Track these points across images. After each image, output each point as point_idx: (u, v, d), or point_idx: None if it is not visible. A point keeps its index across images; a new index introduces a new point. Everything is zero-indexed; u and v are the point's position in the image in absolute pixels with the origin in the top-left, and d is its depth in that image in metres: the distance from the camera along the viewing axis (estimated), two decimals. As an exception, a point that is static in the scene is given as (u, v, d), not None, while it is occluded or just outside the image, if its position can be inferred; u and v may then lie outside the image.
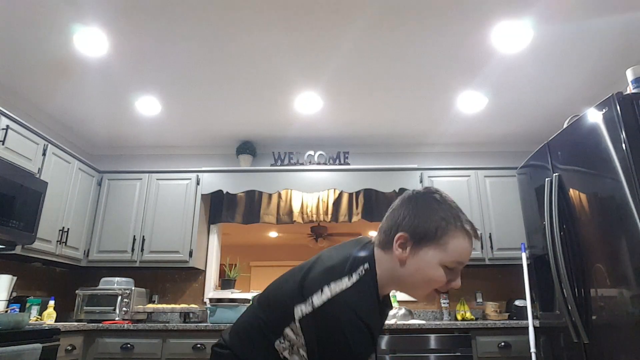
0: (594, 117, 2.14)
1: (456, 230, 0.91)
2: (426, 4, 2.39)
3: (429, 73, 3.06)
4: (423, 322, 3.17)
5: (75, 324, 3.04)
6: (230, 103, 3.47)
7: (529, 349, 2.84)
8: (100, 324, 3.13)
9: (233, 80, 3.12)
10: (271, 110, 3.61)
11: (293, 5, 2.39)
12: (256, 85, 3.21)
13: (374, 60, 2.90)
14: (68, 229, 3.40)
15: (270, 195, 4.14)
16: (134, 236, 3.71)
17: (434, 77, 3.12)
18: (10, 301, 2.93)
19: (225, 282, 3.64)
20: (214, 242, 4.13)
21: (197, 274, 4.00)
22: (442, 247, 0.90)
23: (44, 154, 3.11)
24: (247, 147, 4.14)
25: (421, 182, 3.80)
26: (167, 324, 3.17)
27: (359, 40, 2.69)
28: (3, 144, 2.70)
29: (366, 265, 0.92)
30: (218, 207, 4.18)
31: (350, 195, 4.12)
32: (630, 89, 2.17)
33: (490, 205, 3.72)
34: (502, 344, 3.00)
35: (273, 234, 8.51)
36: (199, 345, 3.04)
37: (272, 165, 4.05)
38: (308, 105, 3.49)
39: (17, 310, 2.94)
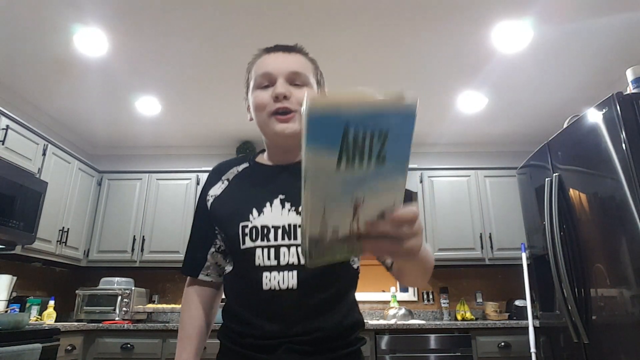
0: (594, 117, 2.14)
1: (255, 59, 0.98)
2: (427, 4, 2.39)
3: (429, 73, 3.06)
4: (423, 322, 3.17)
5: (75, 324, 3.04)
6: (230, 103, 3.47)
7: (529, 349, 2.84)
8: (100, 324, 3.13)
9: (233, 80, 3.11)
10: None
11: (293, 6, 2.39)
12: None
13: (375, 59, 2.90)
14: (68, 229, 3.40)
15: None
16: (134, 236, 3.71)
17: (434, 77, 3.12)
18: (10, 301, 2.93)
19: (225, 282, 3.64)
20: (214, 242, 4.13)
21: (197, 274, 3.99)
22: (251, 79, 0.97)
23: (44, 154, 3.11)
24: (247, 147, 4.14)
25: (421, 182, 3.80)
26: (167, 324, 3.17)
27: (356, 40, 2.69)
28: (3, 144, 2.70)
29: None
30: (218, 207, 4.17)
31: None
32: (630, 89, 2.17)
33: (490, 205, 3.72)
34: (502, 344, 3.00)
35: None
36: (199, 345, 3.04)
37: (272, 165, 4.04)
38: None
39: (17, 310, 2.95)
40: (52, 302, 3.25)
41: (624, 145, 1.93)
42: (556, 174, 2.42)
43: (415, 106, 0.45)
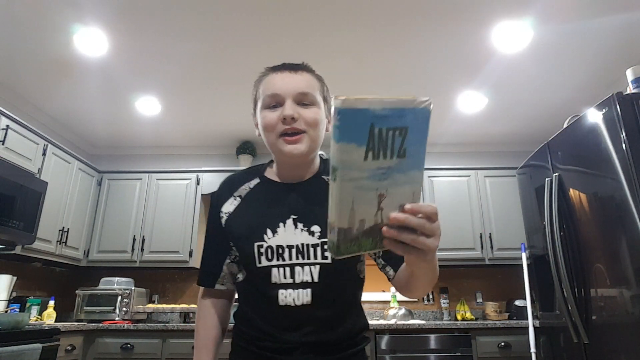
0: (594, 117, 2.14)
1: (262, 77, 0.99)
2: (427, 4, 2.39)
3: (429, 73, 3.06)
4: (423, 322, 3.17)
5: (75, 324, 3.04)
6: (230, 103, 3.47)
7: (529, 349, 2.84)
8: (100, 324, 3.13)
9: (233, 80, 3.11)
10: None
11: (294, 6, 2.39)
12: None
13: (375, 60, 2.90)
14: (68, 229, 3.40)
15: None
16: (134, 236, 3.71)
17: (434, 77, 3.12)
18: (10, 301, 2.93)
19: (225, 282, 3.64)
20: (214, 242, 4.12)
21: (197, 274, 3.99)
22: (259, 98, 0.97)
23: (44, 154, 3.11)
24: (247, 147, 4.14)
25: (421, 182, 3.80)
26: (167, 324, 3.17)
27: (357, 40, 2.69)
28: (3, 144, 2.70)
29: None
30: (218, 207, 4.17)
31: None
32: (630, 89, 2.17)
33: (490, 205, 3.72)
34: (502, 344, 3.00)
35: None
36: (199, 345, 3.04)
37: (272, 165, 4.04)
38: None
39: (17, 310, 2.94)
40: (52, 302, 3.25)
41: (624, 145, 1.93)
42: (556, 174, 2.42)
43: (430, 105, 0.54)
